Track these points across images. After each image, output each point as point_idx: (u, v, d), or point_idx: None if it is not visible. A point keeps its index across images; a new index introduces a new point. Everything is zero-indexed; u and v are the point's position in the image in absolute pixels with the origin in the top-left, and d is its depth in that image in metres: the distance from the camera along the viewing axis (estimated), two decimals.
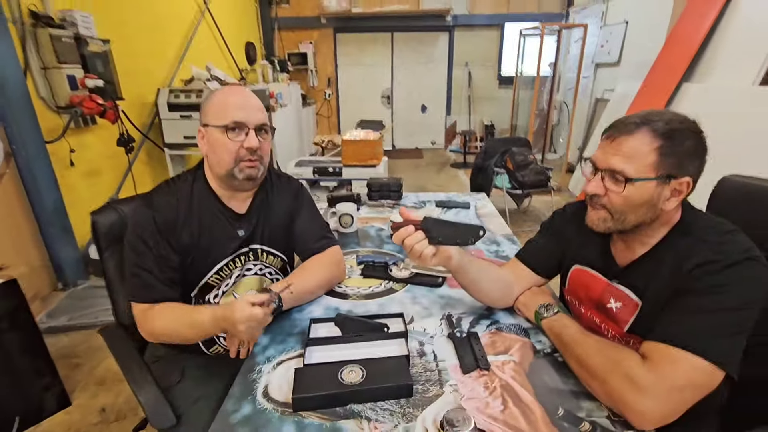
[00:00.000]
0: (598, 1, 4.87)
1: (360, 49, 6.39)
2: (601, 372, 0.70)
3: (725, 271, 0.67)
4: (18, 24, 2.19)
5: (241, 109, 0.93)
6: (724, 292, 0.66)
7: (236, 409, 0.71)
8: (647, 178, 0.72)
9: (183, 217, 0.96)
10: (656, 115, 0.73)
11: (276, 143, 4.35)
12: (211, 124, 0.93)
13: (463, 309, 1.00)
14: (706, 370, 0.63)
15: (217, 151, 0.93)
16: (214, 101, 0.95)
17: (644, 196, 0.73)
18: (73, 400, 1.65)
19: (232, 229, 1.01)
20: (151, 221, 0.93)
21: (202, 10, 4.21)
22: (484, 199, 1.84)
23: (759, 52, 2.46)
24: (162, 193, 0.97)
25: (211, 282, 1.01)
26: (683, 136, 0.71)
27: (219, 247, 1.00)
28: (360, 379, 0.73)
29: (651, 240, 0.79)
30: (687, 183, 0.73)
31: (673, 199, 0.74)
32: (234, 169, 0.94)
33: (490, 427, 0.67)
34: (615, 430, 0.66)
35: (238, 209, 1.02)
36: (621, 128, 0.74)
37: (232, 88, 0.99)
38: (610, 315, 0.84)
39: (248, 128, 0.93)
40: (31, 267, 2.29)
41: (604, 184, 0.76)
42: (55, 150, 2.37)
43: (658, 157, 0.71)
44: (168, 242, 0.93)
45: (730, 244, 0.70)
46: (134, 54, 3.13)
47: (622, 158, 0.73)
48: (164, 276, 0.93)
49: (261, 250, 1.06)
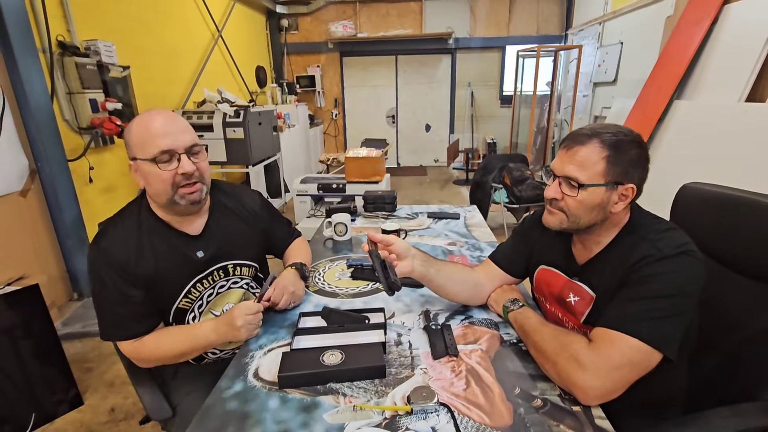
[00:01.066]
0: (594, 24, 5.03)
1: (365, 71, 6.64)
2: (552, 354, 0.78)
3: (659, 262, 0.76)
4: (47, 53, 2.40)
5: (166, 136, 0.88)
6: (656, 281, 0.75)
7: (229, 387, 0.81)
8: (597, 184, 0.80)
9: (135, 251, 0.92)
10: (605, 128, 0.83)
11: (284, 161, 4.53)
12: (139, 157, 0.88)
13: (441, 306, 1.09)
14: (641, 350, 0.71)
15: (153, 183, 0.90)
16: (135, 132, 0.89)
17: (595, 200, 0.82)
18: (85, 401, 1.75)
19: (190, 252, 0.99)
20: (104, 263, 0.90)
21: (215, 37, 4.47)
22: (474, 210, 1.93)
23: (744, 70, 2.56)
24: (110, 231, 0.94)
25: (182, 306, 1.00)
26: (628, 146, 0.81)
27: (180, 273, 0.98)
28: (339, 361, 0.82)
29: (604, 240, 0.88)
30: (632, 189, 0.82)
31: (620, 203, 0.83)
32: (174, 197, 0.91)
33: (452, 401, 0.75)
34: (564, 405, 0.74)
35: (192, 232, 1.00)
36: (575, 139, 0.83)
37: (149, 115, 0.91)
38: (569, 308, 0.92)
39: (178, 153, 0.89)
40: (50, 277, 2.43)
41: (561, 189, 0.86)
42: (76, 167, 2.55)
43: (606, 165, 0.80)
44: (124, 280, 0.91)
45: (666, 240, 0.79)
46: (151, 79, 3.35)
47: (576, 166, 0.82)
48: (130, 311, 0.92)
49: (232, 265, 1.06)
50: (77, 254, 2.56)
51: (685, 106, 2.95)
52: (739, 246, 0.94)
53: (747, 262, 0.93)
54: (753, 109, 2.37)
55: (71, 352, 2.09)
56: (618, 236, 0.87)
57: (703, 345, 0.97)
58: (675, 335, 0.73)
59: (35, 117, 2.28)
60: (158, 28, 3.48)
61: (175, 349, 0.94)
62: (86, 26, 2.69)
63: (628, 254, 0.81)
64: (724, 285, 0.97)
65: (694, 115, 2.83)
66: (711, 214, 1.03)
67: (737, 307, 0.93)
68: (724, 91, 2.68)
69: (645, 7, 3.99)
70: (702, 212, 1.06)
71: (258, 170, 3.99)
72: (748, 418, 0.79)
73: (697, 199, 1.08)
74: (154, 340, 0.95)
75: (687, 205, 1.10)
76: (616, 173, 0.80)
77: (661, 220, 0.86)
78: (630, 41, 4.30)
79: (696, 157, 2.68)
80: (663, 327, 0.73)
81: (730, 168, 2.37)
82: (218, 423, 0.72)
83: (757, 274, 0.90)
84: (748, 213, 0.93)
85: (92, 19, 2.76)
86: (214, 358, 1.11)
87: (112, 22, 2.96)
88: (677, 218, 1.11)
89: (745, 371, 0.88)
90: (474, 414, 0.72)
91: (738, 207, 0.96)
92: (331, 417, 0.72)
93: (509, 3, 6.04)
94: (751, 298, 0.91)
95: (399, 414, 0.73)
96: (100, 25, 2.83)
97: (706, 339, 0.97)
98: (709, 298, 0.99)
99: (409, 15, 6.18)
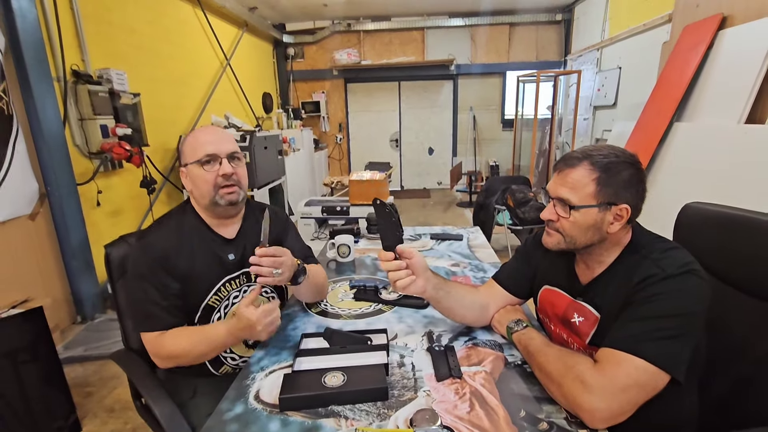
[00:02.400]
0: (592, 50, 5.15)
1: (369, 97, 6.80)
2: (557, 376, 0.77)
3: (663, 282, 0.75)
4: (61, 81, 2.49)
5: (211, 144, 1.03)
6: (661, 300, 0.74)
7: (230, 409, 0.80)
8: (589, 205, 0.81)
9: (176, 247, 1.04)
10: (596, 150, 0.84)
11: (288, 184, 4.58)
12: (189, 162, 1.04)
13: (444, 327, 1.08)
14: (647, 371, 0.70)
15: (198, 184, 1.04)
16: (188, 142, 1.06)
17: (588, 221, 0.82)
18: (84, 426, 1.72)
19: (223, 253, 1.09)
20: (148, 255, 1.01)
21: (224, 65, 4.62)
22: (477, 231, 1.94)
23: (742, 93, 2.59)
24: (154, 229, 1.07)
25: (211, 303, 1.08)
26: (619, 168, 0.81)
27: (212, 271, 1.08)
28: (341, 382, 0.81)
29: (607, 260, 0.88)
30: (626, 209, 0.82)
31: (616, 223, 0.83)
32: (215, 197, 1.03)
33: (456, 425, 0.74)
34: (570, 428, 0.72)
35: (227, 235, 1.11)
36: (567, 162, 0.85)
37: (202, 129, 1.10)
38: (574, 329, 0.91)
39: (220, 158, 1.03)
40: (54, 300, 2.44)
41: (555, 210, 0.87)
42: (84, 191, 2.60)
43: (597, 186, 0.81)
44: (166, 271, 1.01)
45: (669, 259, 0.78)
46: (161, 105, 3.45)
47: (568, 189, 0.83)
48: (168, 303, 1.00)
49: None
50: (82, 277, 2.57)
51: (685, 128, 2.98)
52: (742, 265, 0.94)
53: (751, 282, 0.92)
54: (752, 131, 2.39)
55: (72, 376, 2.06)
56: (620, 256, 0.87)
57: (711, 368, 0.95)
58: (682, 356, 0.72)
59: (47, 142, 2.34)
60: (169, 57, 3.61)
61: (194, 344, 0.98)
62: (100, 55, 2.80)
63: (631, 274, 0.81)
64: (729, 305, 0.96)
65: (694, 137, 2.85)
66: (713, 234, 1.02)
67: (743, 327, 0.92)
68: (723, 113, 2.71)
69: (641, 33, 4.09)
70: (704, 232, 1.05)
71: (263, 193, 4.04)
72: None
73: (699, 219, 1.08)
74: (179, 331, 1.00)
75: (689, 225, 1.10)
76: (607, 194, 0.81)
77: (664, 239, 0.86)
78: (628, 66, 4.39)
79: (697, 178, 2.69)
80: (669, 347, 0.72)
81: (731, 188, 2.37)
82: None
83: (761, 294, 0.89)
84: (750, 232, 0.93)
85: (106, 49, 2.87)
86: (233, 364, 1.12)
87: (125, 52, 3.07)
88: (680, 238, 1.11)
89: (756, 394, 0.86)
90: None
91: (740, 226, 0.96)
92: None
93: (509, 31, 6.22)
94: (757, 318, 0.89)
95: None
96: (113, 55, 2.94)
97: (714, 361, 0.95)
98: (715, 319, 0.98)
99: (411, 43, 6.37)
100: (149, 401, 0.99)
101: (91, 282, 2.62)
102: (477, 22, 6.12)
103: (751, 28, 2.60)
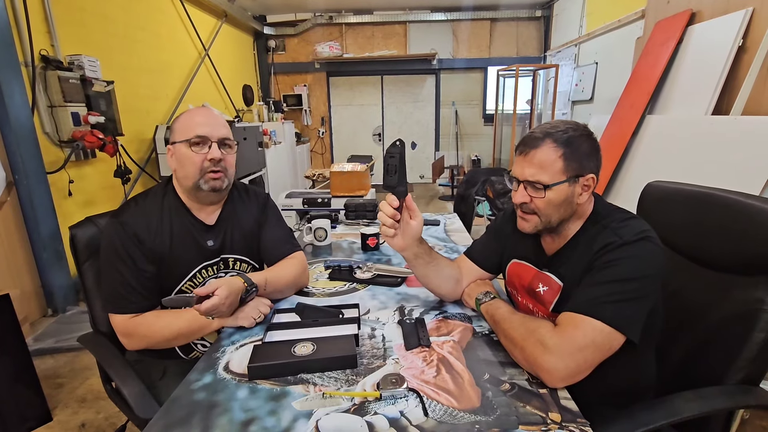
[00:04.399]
0: (570, 46, 5.25)
1: (352, 91, 6.77)
2: (520, 340, 0.79)
3: (620, 248, 0.79)
4: (29, 67, 2.40)
5: (204, 125, 1.01)
6: (617, 265, 0.78)
7: (198, 379, 0.80)
8: (560, 181, 0.84)
9: (154, 227, 1.01)
10: (554, 127, 0.86)
11: (270, 177, 4.54)
12: (177, 140, 1.01)
13: (416, 303, 1.10)
14: (603, 331, 0.73)
15: (184, 164, 1.01)
16: (180, 120, 1.04)
17: (561, 197, 0.85)
18: (55, 416, 1.69)
19: (201, 239, 1.07)
20: (123, 234, 0.98)
21: (202, 55, 4.53)
22: (454, 217, 1.96)
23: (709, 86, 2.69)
24: (131, 207, 1.03)
25: (185, 289, 1.06)
26: (579, 141, 0.84)
27: (190, 256, 1.06)
28: (310, 351, 0.82)
29: (571, 231, 0.91)
30: (592, 178, 0.86)
31: (584, 193, 0.87)
32: (199, 180, 1.01)
33: (422, 387, 0.75)
34: (531, 388, 0.75)
35: (207, 221, 1.09)
36: (529, 143, 0.86)
37: (197, 109, 1.07)
38: (539, 298, 0.94)
39: (211, 141, 1.01)
40: (23, 292, 2.37)
41: (528, 193, 0.88)
42: (55, 181, 2.52)
43: (564, 162, 0.83)
44: (141, 252, 0.98)
45: (626, 228, 0.82)
46: (136, 94, 3.37)
47: (536, 169, 0.85)
48: (141, 286, 0.98)
49: (233, 259, 1.13)
50: (53, 268, 2.50)
51: (656, 120, 3.08)
52: (700, 238, 0.99)
53: (708, 253, 0.96)
54: (718, 122, 2.48)
55: (42, 367, 2.01)
56: (583, 227, 0.90)
57: (671, 336, 1.00)
58: (637, 317, 0.76)
59: (14, 129, 2.27)
60: (144, 45, 3.52)
61: (172, 328, 0.98)
62: (71, 42, 2.72)
63: (592, 243, 0.84)
64: (689, 277, 1.00)
65: (665, 128, 2.95)
66: (674, 210, 1.07)
67: (701, 296, 0.96)
68: (691, 106, 2.81)
69: (616, 29, 4.19)
70: (665, 208, 1.10)
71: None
72: (712, 400, 0.81)
73: (660, 196, 1.13)
74: (154, 316, 0.99)
75: (652, 202, 1.15)
76: (573, 168, 0.84)
77: (623, 210, 0.89)
78: (604, 61, 4.49)
79: (667, 167, 2.78)
80: (625, 310, 0.75)
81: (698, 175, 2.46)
82: (185, 412, 0.71)
83: (717, 264, 0.94)
84: (707, 207, 0.98)
85: (77, 35, 2.79)
86: (204, 351, 1.11)
87: (98, 39, 2.99)
88: (642, 214, 1.16)
89: (711, 358, 0.91)
90: (442, 398, 0.73)
91: (697, 201, 1.01)
92: (299, 404, 0.72)
93: (490, 26, 6.28)
94: (714, 288, 0.94)
95: (368, 400, 0.73)
96: (85, 42, 2.85)
97: (674, 330, 0.99)
98: (677, 290, 1.03)
99: (393, 37, 6.37)
100: (118, 382, 0.97)
101: (63, 274, 2.55)
102: (459, 17, 6.16)
103: (718, 24, 2.69)
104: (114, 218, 1.01)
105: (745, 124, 2.24)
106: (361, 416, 0.69)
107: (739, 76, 2.50)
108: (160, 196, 1.06)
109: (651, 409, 0.79)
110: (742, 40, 2.47)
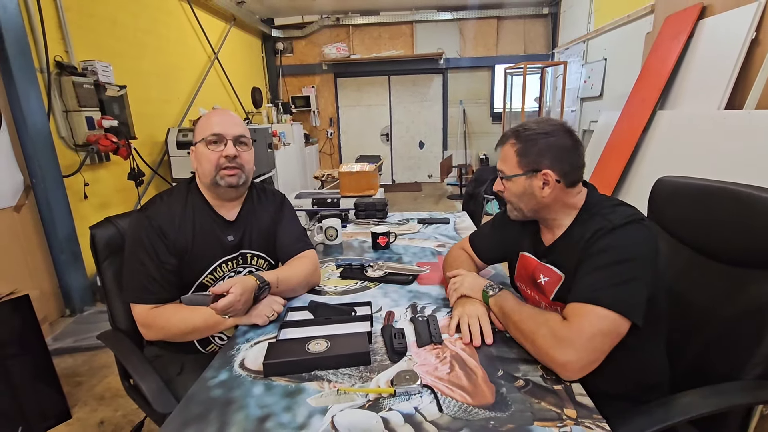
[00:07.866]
0: (578, 42, 5.21)
1: (359, 92, 6.79)
2: (530, 333, 0.80)
3: (611, 233, 0.81)
4: (45, 73, 2.46)
5: (220, 124, 1.07)
6: (610, 249, 0.79)
7: (214, 376, 0.81)
8: (516, 174, 0.92)
9: (178, 222, 1.06)
10: (524, 126, 0.93)
11: (279, 178, 4.57)
12: (197, 140, 1.08)
13: (428, 300, 1.11)
14: (608, 317, 0.74)
15: (202, 162, 1.07)
16: (200, 122, 1.10)
17: (519, 188, 0.93)
18: (74, 414, 1.72)
19: (222, 234, 1.11)
20: (149, 227, 1.02)
21: (211, 59, 4.59)
22: (464, 215, 1.96)
23: (721, 80, 2.65)
24: (157, 203, 1.09)
25: (205, 282, 1.10)
26: (536, 138, 0.90)
27: (211, 250, 1.10)
28: (324, 348, 0.83)
29: (565, 222, 0.94)
30: (549, 174, 0.88)
31: (546, 188, 0.90)
32: (216, 177, 1.06)
33: (436, 384, 0.76)
34: (546, 384, 0.75)
35: (228, 217, 1.13)
36: (501, 140, 0.97)
37: (215, 110, 1.14)
38: (541, 288, 0.96)
39: (226, 139, 1.06)
40: (42, 292, 2.42)
41: (501, 183, 0.97)
42: (71, 184, 2.58)
43: (518, 157, 0.92)
44: (165, 245, 1.03)
45: (615, 213, 0.84)
46: (148, 98, 3.42)
47: (501, 162, 0.96)
48: (162, 278, 1.02)
49: (250, 254, 1.18)
50: (70, 270, 2.55)
51: (667, 115, 3.03)
52: (713, 233, 0.97)
53: (720, 247, 0.95)
54: (731, 116, 2.44)
55: (62, 366, 2.06)
56: (576, 217, 0.92)
57: (685, 332, 0.99)
58: (636, 299, 0.76)
59: (31, 134, 2.32)
60: (155, 50, 3.58)
61: (189, 324, 1.01)
62: (84, 48, 2.77)
63: (584, 231, 0.86)
64: (702, 272, 0.99)
65: (676, 124, 2.91)
66: (685, 205, 1.06)
67: (715, 291, 0.95)
68: (703, 100, 2.77)
69: (625, 25, 4.15)
70: (677, 203, 1.09)
71: None
72: (730, 396, 0.80)
73: (671, 191, 1.12)
74: (172, 310, 1.02)
75: (663, 197, 1.14)
76: (528, 163, 0.90)
77: (614, 199, 0.92)
78: (613, 57, 4.44)
79: (679, 162, 2.74)
80: (623, 293, 0.75)
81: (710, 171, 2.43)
82: (201, 409, 0.72)
83: (729, 258, 0.93)
84: (719, 201, 0.97)
85: (90, 42, 2.84)
86: (221, 344, 1.13)
87: (109, 44, 3.04)
88: (654, 210, 1.15)
89: (726, 353, 0.90)
90: (457, 395, 0.73)
91: (709, 195, 1.00)
92: (314, 401, 0.73)
93: (497, 25, 6.25)
94: (728, 283, 0.93)
95: (382, 396, 0.73)
96: (98, 47, 2.91)
97: (687, 326, 0.98)
98: (690, 286, 1.02)
99: (400, 37, 6.37)
100: (136, 378, 0.99)
101: (80, 274, 2.61)
102: (465, 15, 6.14)
103: (730, 17, 2.65)
104: (141, 212, 1.06)
105: (760, 119, 2.20)
106: (376, 412, 0.70)
107: (752, 70, 2.45)
108: (184, 193, 1.12)
109: (668, 405, 0.78)
110: (755, 33, 2.43)
